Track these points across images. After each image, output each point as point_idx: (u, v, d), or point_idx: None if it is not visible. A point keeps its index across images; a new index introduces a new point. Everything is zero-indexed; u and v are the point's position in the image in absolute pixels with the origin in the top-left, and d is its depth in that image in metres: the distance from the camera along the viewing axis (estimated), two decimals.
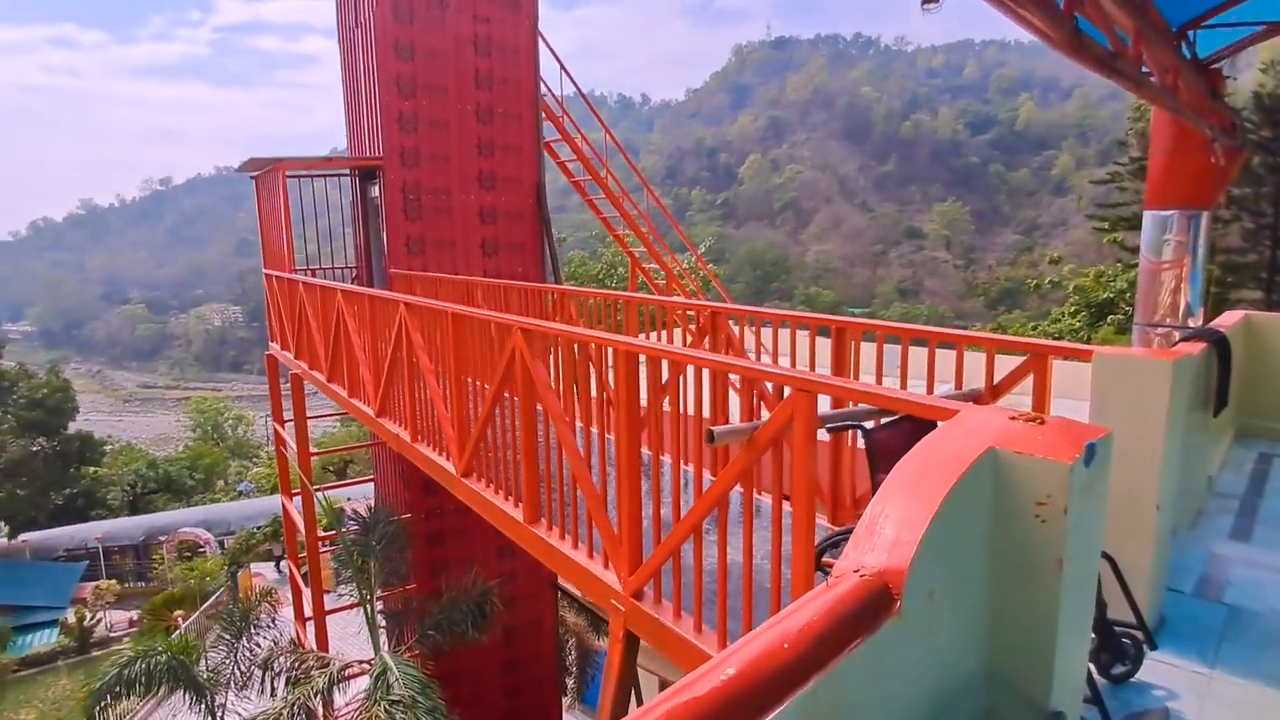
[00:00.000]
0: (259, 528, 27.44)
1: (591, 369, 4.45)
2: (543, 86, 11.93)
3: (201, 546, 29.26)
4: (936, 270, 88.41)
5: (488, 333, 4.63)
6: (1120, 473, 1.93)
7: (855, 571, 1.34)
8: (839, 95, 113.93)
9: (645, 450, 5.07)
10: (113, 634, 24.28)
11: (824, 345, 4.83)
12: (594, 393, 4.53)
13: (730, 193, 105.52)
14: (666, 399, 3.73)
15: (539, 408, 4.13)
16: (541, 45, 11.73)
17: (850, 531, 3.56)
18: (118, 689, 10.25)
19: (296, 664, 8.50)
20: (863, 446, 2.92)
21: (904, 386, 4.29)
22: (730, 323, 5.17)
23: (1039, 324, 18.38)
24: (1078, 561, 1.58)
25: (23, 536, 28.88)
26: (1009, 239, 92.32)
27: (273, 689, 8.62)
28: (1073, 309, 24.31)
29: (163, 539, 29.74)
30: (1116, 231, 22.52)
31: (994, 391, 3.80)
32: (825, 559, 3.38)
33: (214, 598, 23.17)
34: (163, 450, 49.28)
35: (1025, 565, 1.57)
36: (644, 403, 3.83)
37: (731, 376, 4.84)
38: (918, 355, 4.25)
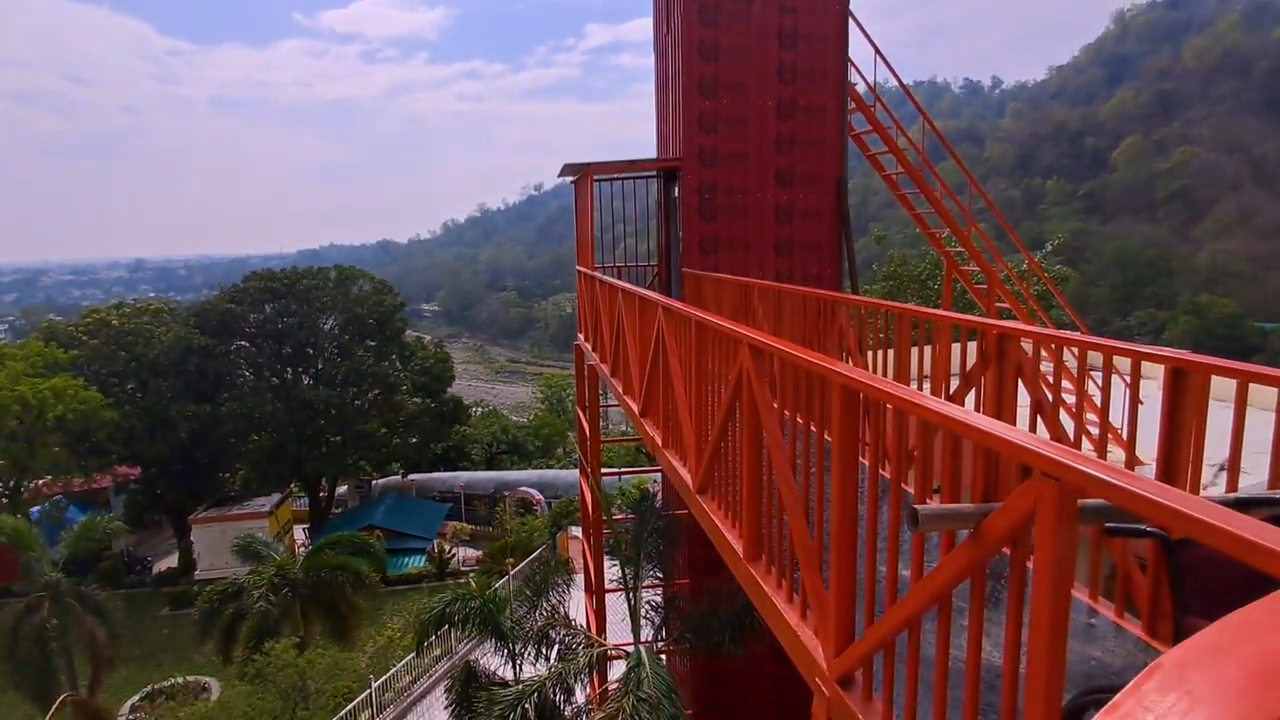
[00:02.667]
0: (579, 495, 30.53)
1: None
2: (854, 74, 11.11)
3: (534, 505, 33.51)
4: None
5: (724, 345, 4.28)
6: None
7: None
8: (1258, 58, 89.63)
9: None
10: (463, 568, 29.03)
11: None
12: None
13: (1097, 182, 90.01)
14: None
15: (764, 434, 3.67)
16: (855, 30, 10.91)
17: (1114, 692, 2.47)
18: (441, 623, 12.12)
19: (568, 638, 9.06)
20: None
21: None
22: (1022, 346, 4.10)
23: None
24: None
25: (411, 476, 35.98)
26: None
27: (546, 657, 9.32)
28: None
29: (506, 493, 34.78)
30: None
31: None
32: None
33: (537, 553, 26.33)
34: (518, 417, 57.49)
35: None
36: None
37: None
38: None
